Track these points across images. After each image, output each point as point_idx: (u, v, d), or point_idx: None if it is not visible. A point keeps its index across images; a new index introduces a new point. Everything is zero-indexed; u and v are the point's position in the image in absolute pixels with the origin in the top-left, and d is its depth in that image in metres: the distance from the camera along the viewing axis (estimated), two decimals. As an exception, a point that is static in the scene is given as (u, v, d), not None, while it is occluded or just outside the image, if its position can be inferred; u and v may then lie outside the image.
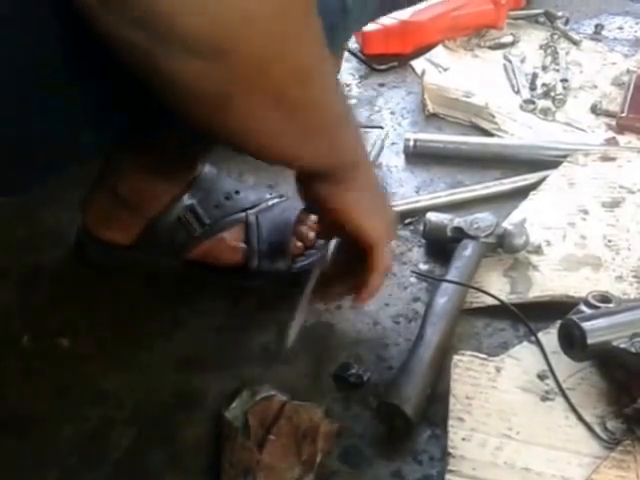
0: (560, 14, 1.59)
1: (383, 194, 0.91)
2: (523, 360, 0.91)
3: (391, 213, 0.91)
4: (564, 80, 1.41)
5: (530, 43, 1.53)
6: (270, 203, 1.07)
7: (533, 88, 1.40)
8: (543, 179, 1.18)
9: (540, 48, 1.52)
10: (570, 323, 0.86)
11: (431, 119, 1.39)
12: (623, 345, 0.83)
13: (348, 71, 1.53)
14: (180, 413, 0.89)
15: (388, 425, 0.87)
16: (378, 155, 1.27)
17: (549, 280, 1.01)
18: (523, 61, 1.48)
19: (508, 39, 1.54)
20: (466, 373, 0.89)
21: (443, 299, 0.97)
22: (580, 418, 0.84)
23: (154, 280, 1.05)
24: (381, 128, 1.26)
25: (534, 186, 1.17)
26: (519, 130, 1.32)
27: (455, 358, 0.91)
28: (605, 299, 0.90)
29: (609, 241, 1.07)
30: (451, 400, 0.87)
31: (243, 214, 1.05)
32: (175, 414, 0.89)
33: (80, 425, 0.88)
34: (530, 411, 0.86)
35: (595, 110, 1.34)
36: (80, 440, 0.87)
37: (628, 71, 1.42)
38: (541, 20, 1.61)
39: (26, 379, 0.93)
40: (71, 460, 0.85)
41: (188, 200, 1.03)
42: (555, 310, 0.94)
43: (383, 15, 1.39)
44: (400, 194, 1.21)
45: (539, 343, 0.92)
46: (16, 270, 1.08)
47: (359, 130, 0.84)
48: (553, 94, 1.38)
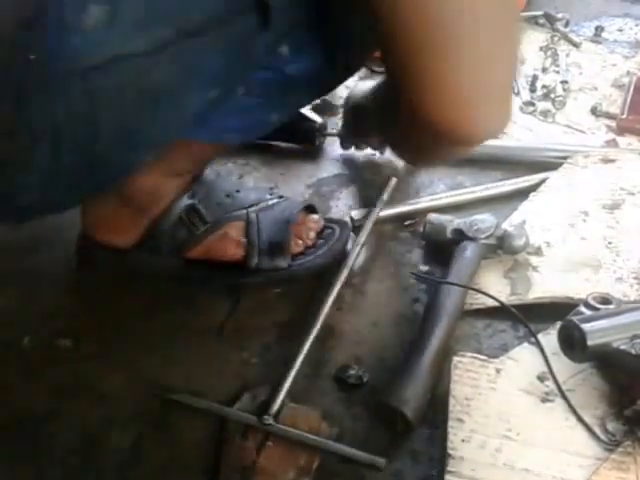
0: (560, 16, 1.59)
1: None
2: (523, 361, 0.91)
3: None
4: (564, 82, 1.41)
5: (530, 45, 1.53)
6: (270, 202, 1.08)
7: (533, 90, 1.40)
8: (543, 181, 1.18)
9: (540, 50, 1.52)
10: (570, 324, 0.86)
11: (431, 121, 1.38)
12: (623, 347, 0.83)
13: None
14: (180, 413, 0.89)
15: (388, 426, 0.87)
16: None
17: (549, 281, 1.02)
18: (523, 63, 1.48)
19: (508, 41, 1.54)
20: (466, 374, 0.90)
21: (443, 300, 0.97)
22: (580, 419, 0.84)
23: (154, 280, 1.05)
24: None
25: (534, 188, 1.17)
26: (519, 132, 1.32)
27: (455, 359, 0.91)
28: (605, 301, 0.90)
29: (609, 243, 1.07)
30: (451, 401, 0.87)
31: (244, 211, 1.05)
32: (175, 414, 0.89)
33: (80, 425, 0.88)
34: (530, 412, 0.86)
35: (595, 112, 1.34)
36: (80, 440, 0.87)
37: (628, 73, 1.42)
38: (541, 22, 1.60)
39: (27, 380, 0.93)
40: (71, 460, 0.85)
41: (189, 199, 1.03)
42: (555, 311, 0.94)
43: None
44: (400, 196, 1.21)
45: (539, 344, 0.92)
46: (17, 272, 1.08)
47: None
48: (553, 96, 1.38)
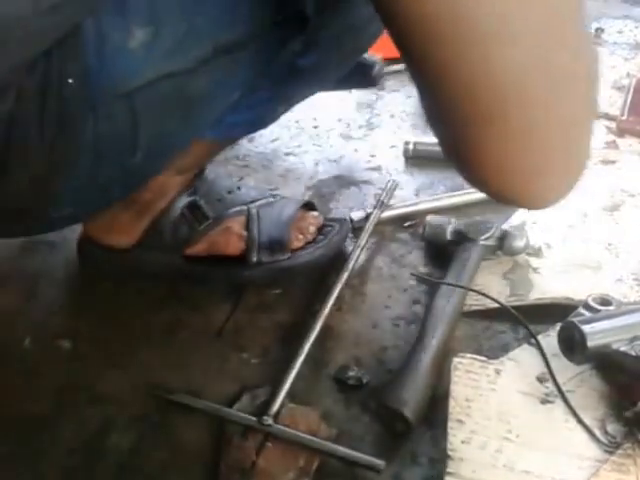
0: (560, 18, 1.60)
1: None
2: (523, 363, 0.91)
3: None
4: (564, 83, 1.41)
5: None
6: (272, 200, 1.08)
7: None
8: (543, 182, 1.18)
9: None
10: (570, 326, 0.86)
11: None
12: (623, 348, 0.83)
13: (348, 74, 1.53)
14: (180, 413, 0.89)
15: (387, 428, 0.86)
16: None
17: (549, 283, 1.02)
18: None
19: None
20: (466, 375, 0.89)
21: (443, 302, 0.97)
22: (580, 421, 0.84)
23: (154, 280, 1.05)
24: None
25: (534, 189, 1.17)
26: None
27: (455, 360, 0.91)
28: (605, 302, 0.90)
29: (609, 244, 1.07)
30: (451, 402, 0.87)
31: (245, 207, 1.06)
32: (175, 415, 0.89)
33: (80, 425, 0.88)
34: (530, 414, 0.86)
35: (595, 113, 1.35)
36: (80, 440, 0.87)
37: (628, 74, 1.43)
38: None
39: (27, 380, 0.93)
40: (71, 460, 0.85)
41: (190, 196, 1.03)
42: (555, 313, 0.94)
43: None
44: (400, 197, 1.21)
45: (539, 346, 0.92)
46: (17, 272, 1.08)
47: None
48: (553, 97, 1.38)
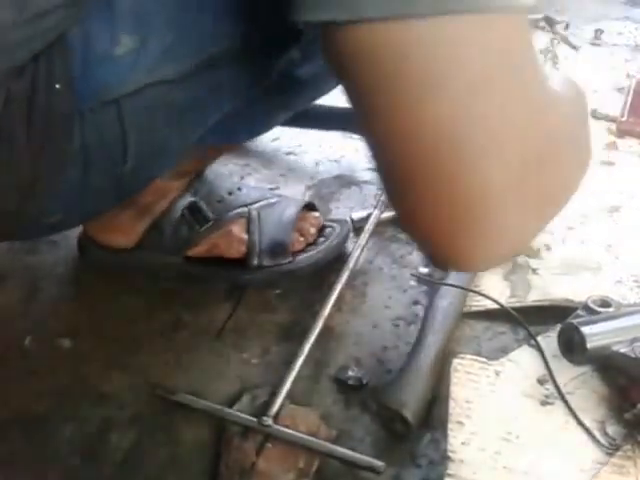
0: (560, 19, 1.60)
1: None
2: (523, 364, 0.91)
3: None
4: (564, 84, 1.41)
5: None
6: (272, 201, 1.08)
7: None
8: (543, 183, 1.18)
9: (540, 53, 1.52)
10: (570, 327, 0.86)
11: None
12: (623, 350, 0.83)
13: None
14: (180, 414, 0.89)
15: (387, 429, 0.86)
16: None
17: (549, 284, 1.02)
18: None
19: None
20: (466, 377, 0.90)
21: (443, 302, 0.97)
22: (580, 423, 0.84)
23: (154, 280, 1.05)
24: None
25: (534, 190, 1.17)
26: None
27: (455, 361, 0.91)
28: (605, 303, 0.90)
29: (609, 245, 1.07)
30: (451, 404, 0.87)
31: (246, 208, 1.05)
32: (175, 415, 0.89)
33: (81, 425, 0.88)
34: (530, 415, 0.86)
35: (595, 114, 1.34)
36: (80, 440, 0.87)
37: (628, 76, 1.43)
38: (541, 25, 1.61)
39: (28, 380, 0.93)
40: (71, 460, 0.85)
41: (191, 197, 1.03)
42: (555, 314, 0.95)
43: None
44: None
45: (539, 347, 0.92)
46: (18, 272, 1.08)
47: None
48: (553, 98, 1.38)
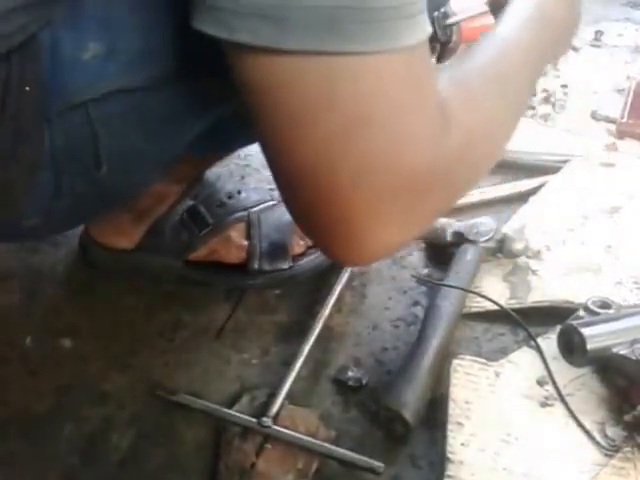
0: (560, 20, 1.60)
1: None
2: (523, 365, 0.91)
3: None
4: (564, 86, 1.41)
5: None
6: (272, 203, 1.07)
7: (533, 94, 1.40)
8: (543, 184, 1.19)
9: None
10: (570, 329, 0.86)
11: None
12: (623, 351, 0.83)
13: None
14: (180, 414, 0.89)
15: (387, 429, 0.87)
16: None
17: (549, 285, 1.02)
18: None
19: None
20: (465, 378, 0.90)
21: (443, 303, 0.97)
22: (580, 424, 0.84)
23: (154, 281, 1.05)
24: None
25: (534, 191, 1.18)
26: (519, 135, 1.31)
27: (454, 362, 0.91)
28: (605, 305, 0.90)
29: (609, 246, 1.07)
30: (450, 405, 0.87)
31: (245, 213, 1.05)
32: (175, 415, 0.89)
33: (81, 425, 0.88)
34: (529, 416, 0.86)
35: (595, 116, 1.35)
36: (80, 440, 0.87)
37: (628, 77, 1.42)
38: (541, 25, 1.61)
39: (28, 379, 0.93)
40: (71, 460, 0.85)
41: (191, 201, 1.03)
42: (555, 315, 0.95)
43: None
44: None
45: (539, 348, 0.92)
46: (19, 272, 1.08)
47: None
48: (553, 99, 1.38)
